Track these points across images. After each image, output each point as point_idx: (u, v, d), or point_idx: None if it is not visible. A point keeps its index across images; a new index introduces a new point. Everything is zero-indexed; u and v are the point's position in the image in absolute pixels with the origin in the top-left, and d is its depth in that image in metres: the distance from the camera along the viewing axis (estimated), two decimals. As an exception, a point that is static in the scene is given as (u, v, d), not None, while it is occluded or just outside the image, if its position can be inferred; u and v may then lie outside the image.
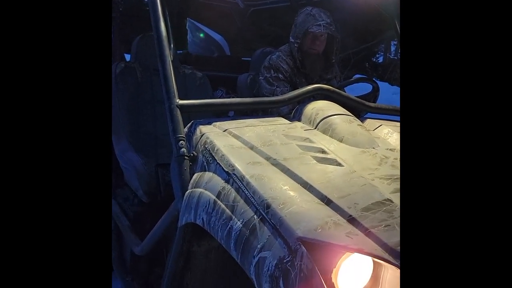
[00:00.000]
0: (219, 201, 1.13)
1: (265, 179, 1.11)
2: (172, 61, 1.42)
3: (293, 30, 2.15)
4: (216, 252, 1.34)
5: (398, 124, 1.72)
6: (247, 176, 1.12)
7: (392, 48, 10.55)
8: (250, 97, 2.28)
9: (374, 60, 10.30)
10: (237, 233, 1.04)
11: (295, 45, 2.13)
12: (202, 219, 1.16)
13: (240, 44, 3.02)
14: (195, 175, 1.28)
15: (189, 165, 1.30)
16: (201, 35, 3.24)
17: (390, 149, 1.43)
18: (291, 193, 1.08)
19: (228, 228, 1.07)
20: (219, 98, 2.31)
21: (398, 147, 1.46)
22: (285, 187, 1.09)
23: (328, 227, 0.97)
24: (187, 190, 1.26)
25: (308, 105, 1.58)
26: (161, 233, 1.45)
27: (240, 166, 1.16)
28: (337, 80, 2.33)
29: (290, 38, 2.17)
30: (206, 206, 1.16)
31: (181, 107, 1.35)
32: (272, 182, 1.11)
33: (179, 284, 1.35)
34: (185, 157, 1.30)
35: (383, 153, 1.37)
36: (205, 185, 1.21)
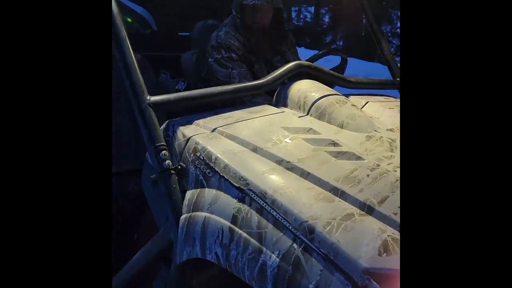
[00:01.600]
0: (236, 229, 0.88)
1: (292, 192, 0.88)
2: None
3: (233, 1, 1.88)
4: (219, 278, 1.09)
5: (381, 98, 1.62)
6: (269, 192, 0.87)
7: (293, 14, 11.16)
8: (198, 77, 1.98)
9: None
10: (275, 270, 0.80)
11: (237, 19, 1.86)
12: (216, 253, 0.89)
13: (172, 17, 2.61)
14: (189, 193, 1.00)
15: (176, 180, 1.01)
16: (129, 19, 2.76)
17: (391, 130, 1.32)
18: (329, 206, 0.86)
19: (259, 264, 0.82)
20: (164, 83, 1.96)
21: (396, 126, 1.35)
22: (319, 200, 0.88)
23: (390, 247, 0.78)
24: (181, 215, 0.98)
25: (291, 87, 1.38)
26: (143, 269, 1.14)
27: (254, 179, 0.91)
28: (291, 51, 2.11)
29: (233, 11, 1.89)
30: (218, 236, 0.89)
31: (154, 105, 1.05)
32: (302, 195, 0.88)
33: None
34: (171, 171, 1.01)
35: (387, 136, 1.25)
36: (210, 207, 0.94)
